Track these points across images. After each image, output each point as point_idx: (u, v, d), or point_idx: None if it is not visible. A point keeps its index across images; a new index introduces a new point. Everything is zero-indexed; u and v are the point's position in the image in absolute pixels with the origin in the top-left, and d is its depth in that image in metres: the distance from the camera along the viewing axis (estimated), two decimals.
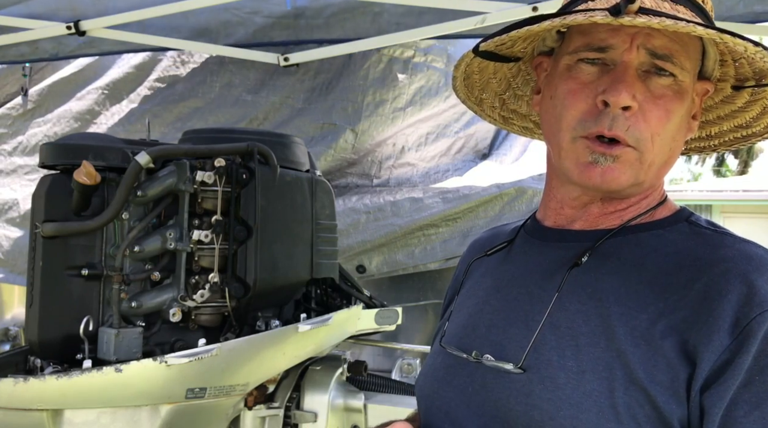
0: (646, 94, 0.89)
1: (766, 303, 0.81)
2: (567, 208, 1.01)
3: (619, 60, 0.90)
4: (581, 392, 0.84)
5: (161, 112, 3.29)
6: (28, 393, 1.69)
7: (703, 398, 0.81)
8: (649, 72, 0.90)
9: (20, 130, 3.46)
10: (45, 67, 3.62)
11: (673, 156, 0.96)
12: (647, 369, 0.83)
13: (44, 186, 1.84)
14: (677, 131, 0.93)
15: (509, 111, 1.18)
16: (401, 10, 2.76)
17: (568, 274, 0.93)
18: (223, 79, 3.31)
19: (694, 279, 0.86)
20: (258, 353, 1.95)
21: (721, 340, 0.81)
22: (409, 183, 3.33)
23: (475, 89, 1.11)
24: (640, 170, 0.92)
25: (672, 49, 0.89)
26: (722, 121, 1.06)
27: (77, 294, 1.81)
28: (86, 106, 3.38)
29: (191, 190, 1.88)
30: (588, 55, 0.92)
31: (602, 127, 0.89)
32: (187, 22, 2.94)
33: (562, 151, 0.95)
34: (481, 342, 0.98)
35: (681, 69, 0.90)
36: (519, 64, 1.08)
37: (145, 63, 3.40)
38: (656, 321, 0.85)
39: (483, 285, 1.09)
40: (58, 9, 2.89)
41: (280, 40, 3.00)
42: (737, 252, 0.88)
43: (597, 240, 0.95)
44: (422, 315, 3.12)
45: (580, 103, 0.92)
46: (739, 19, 2.33)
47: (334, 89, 3.24)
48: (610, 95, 0.88)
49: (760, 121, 1.02)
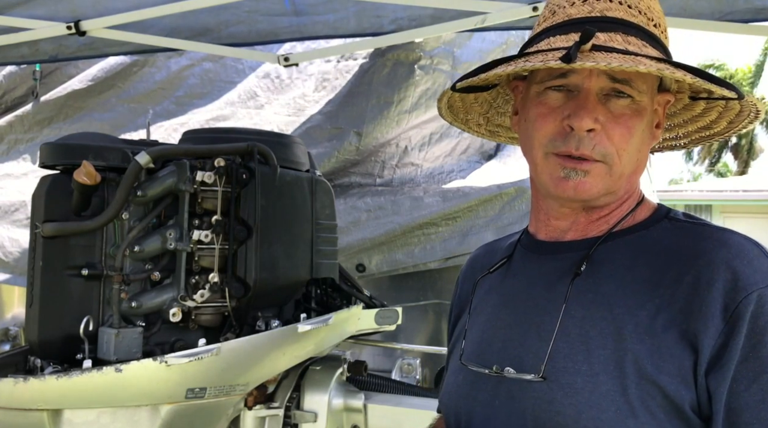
0: (608, 115, 0.99)
1: (748, 287, 0.90)
2: (553, 220, 1.09)
3: (582, 86, 0.99)
4: (598, 394, 0.92)
5: (187, 122, 3.38)
6: (28, 393, 1.69)
7: (708, 380, 0.89)
8: (609, 95, 0.99)
9: (36, 136, 3.49)
10: (55, 71, 3.65)
11: (641, 164, 1.05)
12: (654, 361, 0.90)
13: (44, 186, 1.84)
14: (641, 143, 1.03)
15: (494, 125, 1.28)
16: (401, 10, 2.76)
17: (572, 285, 1.01)
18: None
19: (683, 273, 0.94)
20: (258, 353, 1.95)
21: (716, 326, 0.89)
22: (413, 183, 3.33)
23: (459, 113, 1.23)
24: (610, 181, 1.01)
25: (629, 75, 0.98)
26: (687, 124, 1.17)
27: (77, 294, 1.81)
28: (110, 117, 3.43)
29: (191, 190, 1.88)
30: (553, 83, 1.02)
31: (570, 147, 0.99)
32: (187, 21, 2.94)
33: (537, 166, 1.05)
34: (500, 357, 1.04)
35: (638, 92, 1.00)
36: (497, 87, 1.19)
37: (171, 78, 3.51)
38: (656, 316, 0.93)
39: (490, 302, 1.16)
40: (57, 11, 2.89)
41: (280, 39, 3.00)
42: (716, 242, 0.96)
43: (590, 248, 1.03)
44: (422, 315, 3.12)
45: (549, 125, 1.02)
46: (740, 16, 2.32)
47: (339, 93, 3.25)
48: (574, 121, 0.98)
49: (719, 123, 1.12)
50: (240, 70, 3.59)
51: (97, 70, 3.55)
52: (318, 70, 3.47)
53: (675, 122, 1.18)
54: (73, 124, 3.47)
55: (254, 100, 3.50)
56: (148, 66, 3.56)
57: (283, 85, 3.53)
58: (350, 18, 2.81)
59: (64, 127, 3.45)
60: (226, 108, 3.47)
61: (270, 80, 3.54)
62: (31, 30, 2.96)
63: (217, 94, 3.55)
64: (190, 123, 3.37)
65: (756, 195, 15.51)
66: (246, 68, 3.58)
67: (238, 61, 3.57)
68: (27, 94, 3.66)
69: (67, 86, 3.57)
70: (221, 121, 3.40)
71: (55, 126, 3.51)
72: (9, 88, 3.67)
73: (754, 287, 0.89)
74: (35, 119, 3.55)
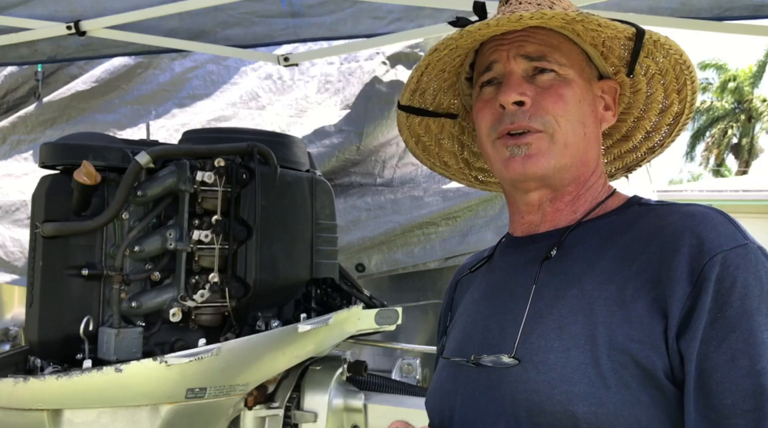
0: (537, 89, 1.05)
1: (713, 250, 0.91)
2: (526, 215, 1.13)
3: (505, 71, 1.07)
4: (570, 368, 0.92)
5: (189, 123, 3.39)
6: (28, 393, 1.69)
7: (680, 344, 0.90)
8: (534, 75, 1.06)
9: (39, 137, 3.49)
10: (57, 72, 3.65)
11: (590, 141, 1.09)
12: (624, 331, 0.91)
13: (44, 186, 1.84)
14: (583, 115, 1.07)
15: (477, 170, 1.33)
16: (401, 10, 2.76)
17: (540, 267, 1.04)
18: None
19: (650, 244, 0.96)
20: (258, 353, 1.95)
21: (683, 290, 0.90)
22: (413, 182, 3.33)
23: (432, 153, 1.28)
24: (556, 150, 1.04)
25: (543, 51, 1.06)
26: (647, 113, 1.21)
27: (77, 294, 1.81)
28: (113, 118, 3.43)
29: (191, 190, 1.88)
30: (483, 78, 1.09)
31: (506, 124, 1.05)
32: (184, 23, 2.94)
33: (489, 157, 1.10)
34: (480, 347, 1.06)
35: (559, 65, 1.06)
36: (459, 121, 1.25)
37: (174, 80, 3.51)
38: (625, 288, 0.94)
39: (471, 298, 1.19)
40: (56, 11, 2.89)
41: (276, 41, 3.00)
42: (683, 214, 0.98)
43: (561, 235, 1.07)
44: (422, 315, 3.11)
45: (487, 115, 1.08)
46: (739, 13, 2.32)
47: (341, 94, 3.26)
48: (501, 97, 1.05)
49: (670, 98, 1.17)
50: (242, 72, 3.60)
51: (101, 72, 3.55)
52: (320, 72, 3.48)
53: (636, 115, 1.22)
54: (76, 125, 3.48)
55: (256, 101, 3.50)
56: (152, 68, 3.57)
57: (285, 86, 3.53)
58: (347, 19, 2.81)
59: (67, 128, 3.45)
60: (228, 109, 3.48)
61: (272, 81, 3.55)
62: (31, 30, 2.96)
63: (220, 96, 3.56)
64: (192, 124, 3.37)
65: (756, 195, 15.50)
66: (248, 69, 3.59)
67: (241, 62, 3.57)
68: (29, 94, 3.66)
69: (70, 87, 3.57)
70: (223, 121, 3.40)
71: (58, 127, 3.51)
72: (11, 88, 3.68)
73: (718, 249, 0.91)
74: (38, 120, 3.55)
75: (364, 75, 3.30)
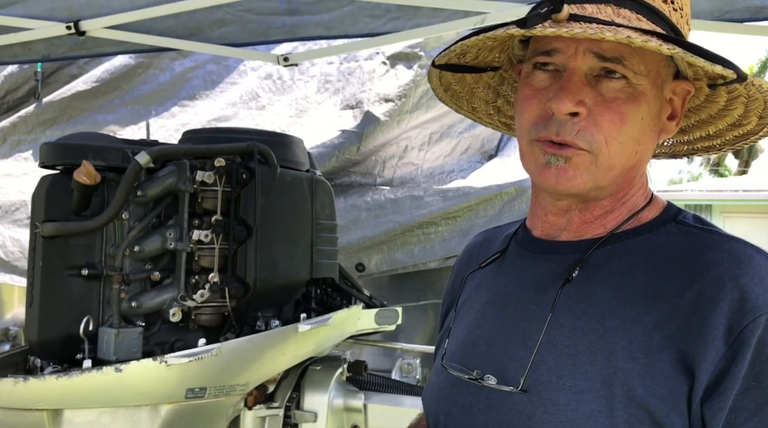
0: (597, 99, 0.89)
1: (758, 309, 0.80)
2: (550, 216, 1.01)
3: (567, 66, 0.90)
4: (581, 413, 0.84)
5: (189, 123, 3.40)
6: (28, 393, 1.69)
7: (704, 409, 0.81)
8: (599, 76, 0.90)
9: (39, 137, 3.49)
10: (56, 72, 3.65)
11: (641, 158, 0.95)
12: (646, 383, 0.82)
13: (44, 186, 1.84)
14: (640, 133, 0.92)
15: (507, 117, 1.18)
16: (400, 10, 2.76)
17: (560, 292, 0.92)
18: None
19: (686, 288, 0.85)
20: (258, 353, 1.95)
21: (716, 350, 0.80)
22: (413, 182, 3.34)
23: (462, 99, 1.13)
24: (597, 173, 0.91)
25: (622, 52, 0.88)
26: (715, 120, 1.04)
27: (77, 294, 1.81)
28: (114, 118, 3.43)
29: (191, 190, 1.88)
30: (538, 59, 0.93)
31: (550, 132, 0.90)
32: (180, 21, 2.93)
33: (523, 154, 0.97)
34: (482, 361, 0.98)
35: (634, 72, 0.89)
36: (501, 72, 1.10)
37: (174, 80, 3.52)
38: (652, 333, 0.84)
39: (479, 299, 1.09)
40: (54, 9, 2.88)
41: (273, 40, 2.99)
42: (726, 254, 0.86)
43: (585, 252, 0.94)
44: (422, 315, 3.12)
45: (533, 108, 0.93)
46: (739, 15, 2.31)
47: (340, 93, 3.26)
48: (553, 104, 0.89)
49: (748, 118, 1.00)
50: (242, 72, 3.60)
51: (102, 72, 3.55)
52: (320, 72, 3.48)
53: (702, 118, 1.05)
54: (76, 125, 3.47)
55: (256, 101, 3.51)
56: (152, 68, 3.57)
57: (285, 86, 3.54)
58: (345, 17, 2.80)
59: (68, 128, 3.45)
60: (228, 109, 3.48)
61: (272, 81, 3.55)
62: (30, 30, 2.96)
63: (220, 96, 3.56)
64: (192, 124, 3.37)
65: (756, 195, 15.50)
66: (248, 69, 3.59)
67: (241, 62, 3.58)
68: (28, 94, 3.66)
69: (70, 87, 3.57)
70: (223, 121, 3.41)
71: (58, 127, 3.51)
72: (11, 88, 3.67)
73: (764, 310, 0.80)
74: (39, 120, 3.55)
75: (363, 75, 3.30)
